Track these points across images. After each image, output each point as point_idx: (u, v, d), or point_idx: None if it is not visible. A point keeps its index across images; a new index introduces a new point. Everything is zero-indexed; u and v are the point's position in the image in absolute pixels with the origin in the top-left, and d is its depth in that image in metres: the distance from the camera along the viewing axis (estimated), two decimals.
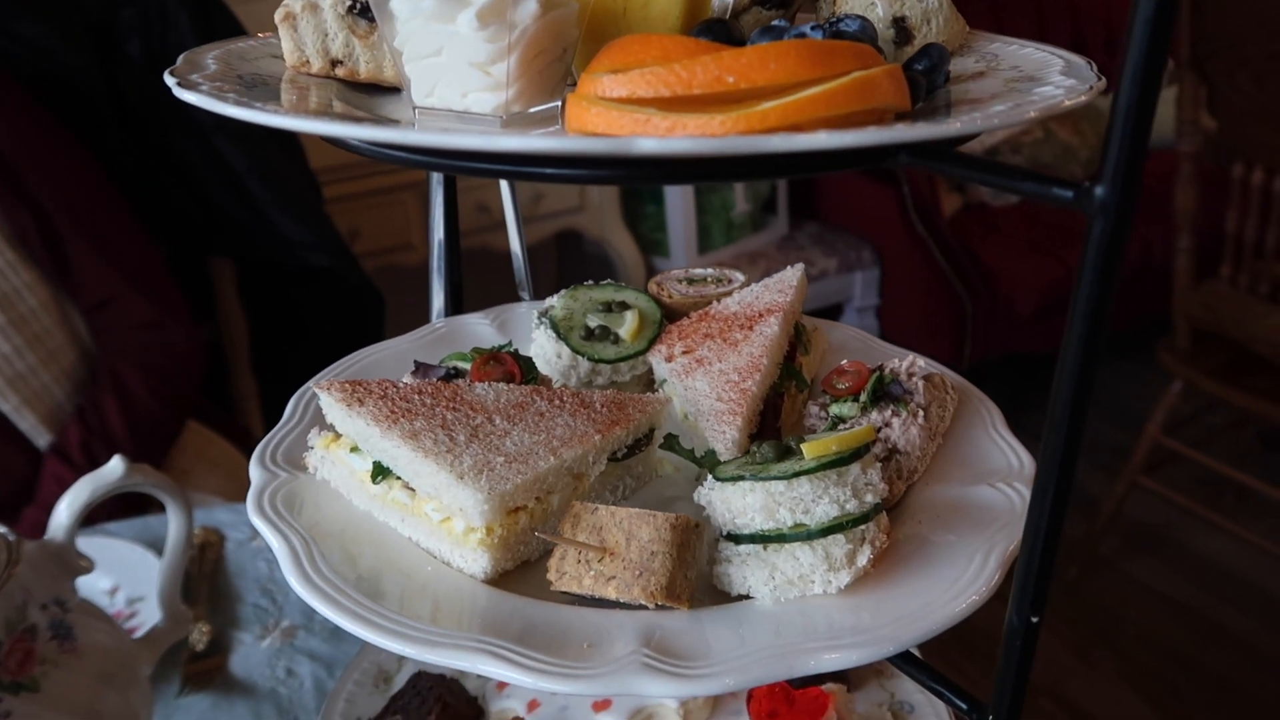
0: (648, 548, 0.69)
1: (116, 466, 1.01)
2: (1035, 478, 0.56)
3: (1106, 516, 2.89)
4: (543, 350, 0.99)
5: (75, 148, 2.00)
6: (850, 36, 0.62)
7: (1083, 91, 0.60)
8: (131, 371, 1.91)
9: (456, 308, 1.17)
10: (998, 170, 0.52)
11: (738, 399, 0.86)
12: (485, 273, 2.01)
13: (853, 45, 0.57)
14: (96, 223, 1.96)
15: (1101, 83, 0.62)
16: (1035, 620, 0.59)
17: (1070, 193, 0.48)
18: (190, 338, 2.04)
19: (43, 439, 1.85)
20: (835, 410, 0.88)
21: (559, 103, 0.64)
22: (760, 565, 0.71)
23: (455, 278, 1.17)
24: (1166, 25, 0.44)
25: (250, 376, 2.45)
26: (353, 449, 0.81)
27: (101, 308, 1.93)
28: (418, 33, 0.61)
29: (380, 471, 0.79)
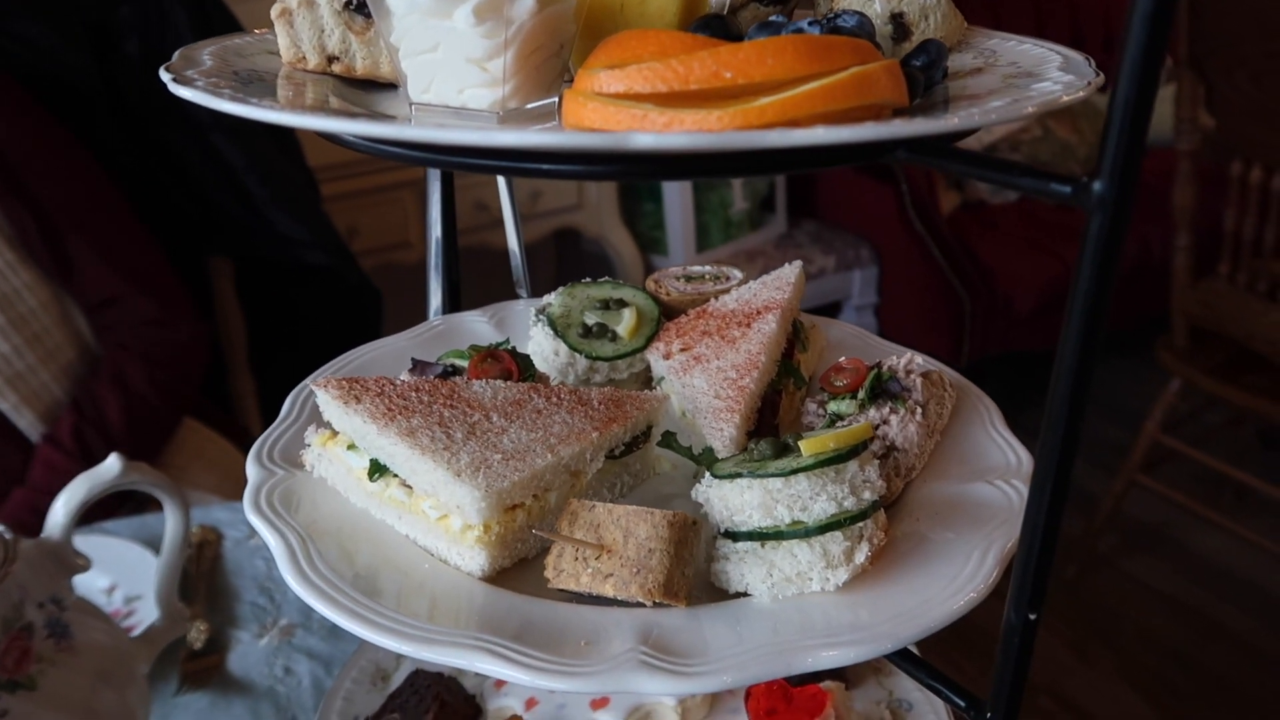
0: (645, 545, 0.69)
1: (113, 465, 1.01)
2: (1033, 475, 0.56)
3: (1105, 515, 2.89)
4: (540, 348, 0.98)
5: (75, 147, 2.00)
6: (848, 32, 0.62)
7: (1081, 87, 0.60)
8: (133, 364, 1.91)
9: (454, 305, 1.17)
10: (996, 166, 0.52)
11: (735, 396, 0.86)
12: (483, 271, 2.01)
13: (850, 41, 0.57)
14: (97, 222, 1.96)
15: (1100, 78, 0.62)
16: (1033, 617, 0.59)
17: (1068, 188, 0.48)
18: (192, 336, 2.04)
19: (38, 433, 1.85)
20: (833, 407, 0.88)
21: (556, 99, 0.64)
22: (758, 563, 0.70)
23: (453, 275, 1.17)
24: (1165, 21, 0.43)
25: (248, 374, 2.44)
26: (350, 446, 0.81)
27: (104, 306, 1.93)
28: (414, 28, 0.61)
29: (377, 469, 0.79)
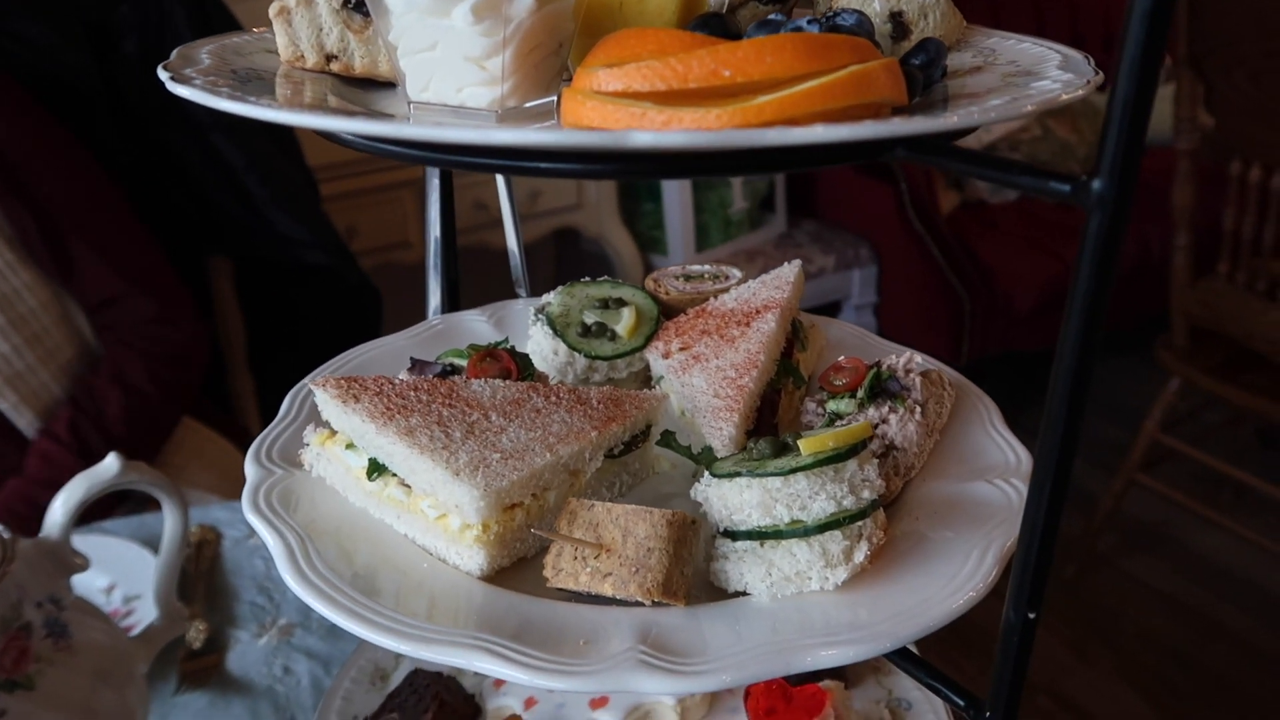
0: (644, 544, 0.69)
1: (112, 464, 1.00)
2: (1032, 474, 0.56)
3: (1104, 514, 2.89)
4: (539, 347, 0.98)
5: (75, 147, 1.99)
6: (847, 31, 0.62)
7: (1080, 86, 0.60)
8: (133, 361, 1.91)
9: (453, 305, 1.17)
10: (995, 164, 0.52)
11: (735, 395, 0.86)
12: (482, 270, 2.01)
13: (849, 39, 0.57)
14: (98, 222, 1.95)
15: (1099, 77, 0.62)
16: (1032, 616, 0.59)
17: (1067, 186, 0.48)
18: (193, 335, 2.04)
19: (37, 432, 1.85)
20: (832, 407, 0.88)
21: (555, 97, 0.64)
22: (757, 562, 0.70)
23: (452, 275, 1.17)
24: (1164, 19, 0.43)
25: (247, 374, 2.44)
26: (348, 446, 0.81)
27: (105, 306, 1.93)
28: (413, 27, 0.61)
29: (376, 468, 0.79)
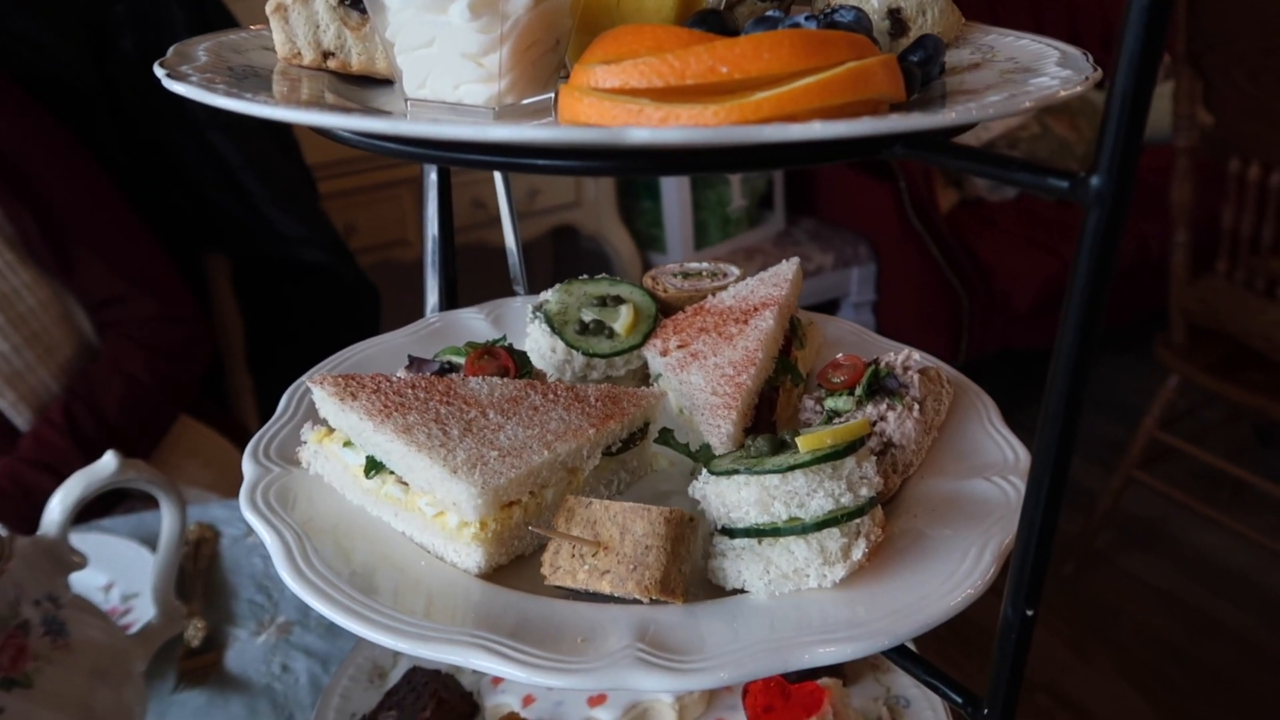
0: (642, 542, 0.69)
1: (110, 462, 1.00)
2: (1030, 471, 0.56)
3: (1103, 511, 2.90)
4: (537, 345, 0.98)
5: (75, 146, 1.99)
6: (845, 27, 0.62)
7: (1078, 82, 0.60)
8: (134, 353, 1.91)
9: (451, 303, 1.17)
10: (993, 161, 0.52)
11: (733, 393, 0.86)
12: (480, 268, 2.01)
13: (847, 35, 0.57)
14: (99, 221, 1.95)
15: (1097, 73, 0.62)
16: (1030, 613, 0.59)
17: (1066, 183, 0.48)
18: (194, 334, 2.04)
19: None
20: (830, 404, 0.88)
21: (552, 94, 0.64)
22: (755, 559, 0.70)
23: (450, 273, 1.17)
24: (1163, 15, 0.43)
25: (245, 372, 2.44)
26: (346, 444, 0.81)
27: (107, 305, 1.93)
28: (409, 24, 0.61)
29: (373, 466, 0.79)
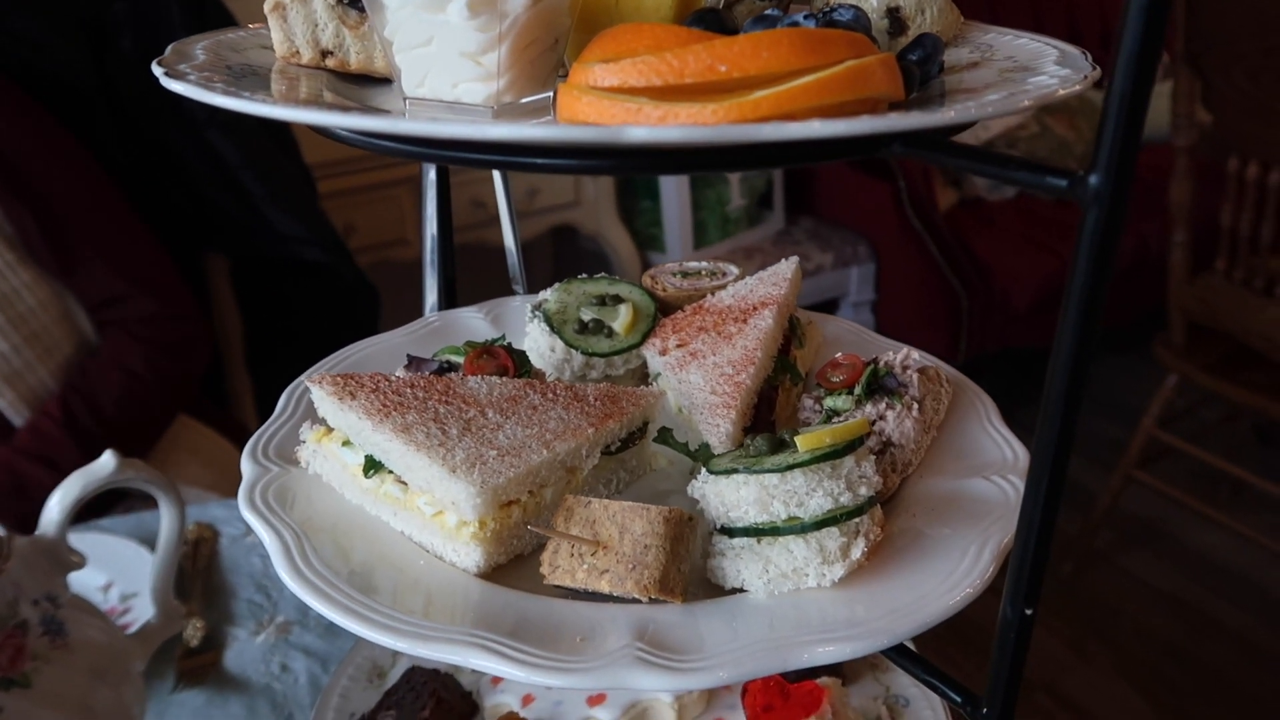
0: (641, 541, 0.69)
1: (108, 462, 1.00)
2: (1029, 470, 0.56)
3: (1102, 511, 2.90)
4: (536, 344, 0.98)
5: (75, 146, 1.99)
6: (844, 26, 0.62)
7: (1077, 81, 0.60)
8: (133, 347, 1.90)
9: (450, 302, 1.17)
10: (992, 160, 0.52)
11: (732, 392, 0.86)
12: (480, 268, 2.01)
13: (846, 34, 0.57)
14: (99, 221, 1.95)
15: (1096, 72, 0.62)
16: (1029, 612, 0.59)
17: (1064, 181, 0.48)
18: (195, 333, 2.04)
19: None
20: (830, 403, 0.88)
21: (551, 93, 0.64)
22: (754, 558, 0.70)
23: (449, 272, 1.16)
24: (1161, 13, 0.43)
25: (244, 372, 2.44)
26: (345, 443, 0.81)
27: (108, 305, 1.93)
28: (408, 22, 0.61)
29: (372, 465, 0.78)
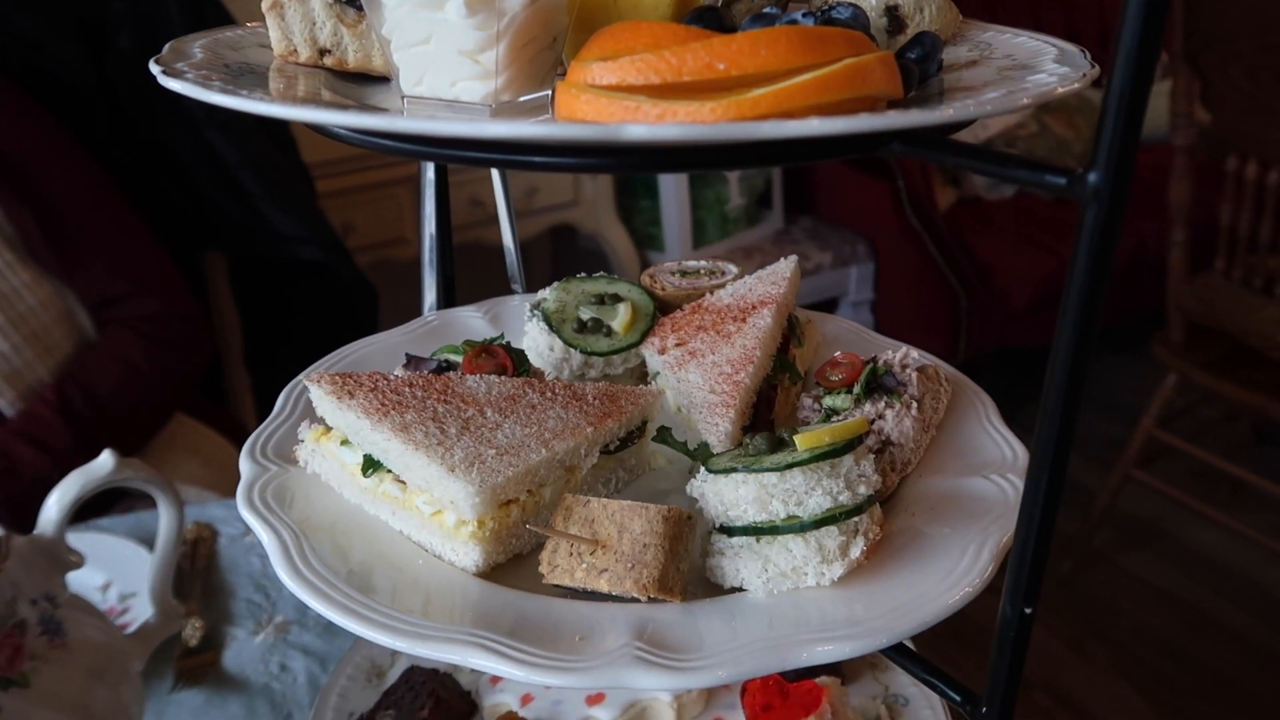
0: (640, 540, 0.69)
1: (106, 461, 1.00)
2: (1029, 469, 0.56)
3: (1100, 510, 2.90)
4: (535, 343, 0.98)
5: (74, 145, 1.98)
6: (842, 24, 0.62)
7: (1076, 79, 0.60)
8: (133, 341, 1.90)
9: (449, 301, 1.17)
10: (991, 158, 0.52)
11: (731, 391, 0.86)
12: (478, 267, 2.01)
13: (845, 32, 0.57)
14: (100, 220, 1.95)
15: (1095, 70, 0.62)
16: (1029, 611, 0.59)
17: (1063, 179, 0.48)
18: (196, 332, 2.04)
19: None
20: (829, 402, 0.88)
21: (549, 92, 0.64)
22: (753, 558, 0.70)
23: (447, 271, 1.16)
24: (1160, 11, 0.43)
25: (243, 371, 2.44)
26: (343, 442, 0.81)
27: (109, 304, 1.92)
28: (406, 20, 0.61)
29: (371, 464, 0.78)
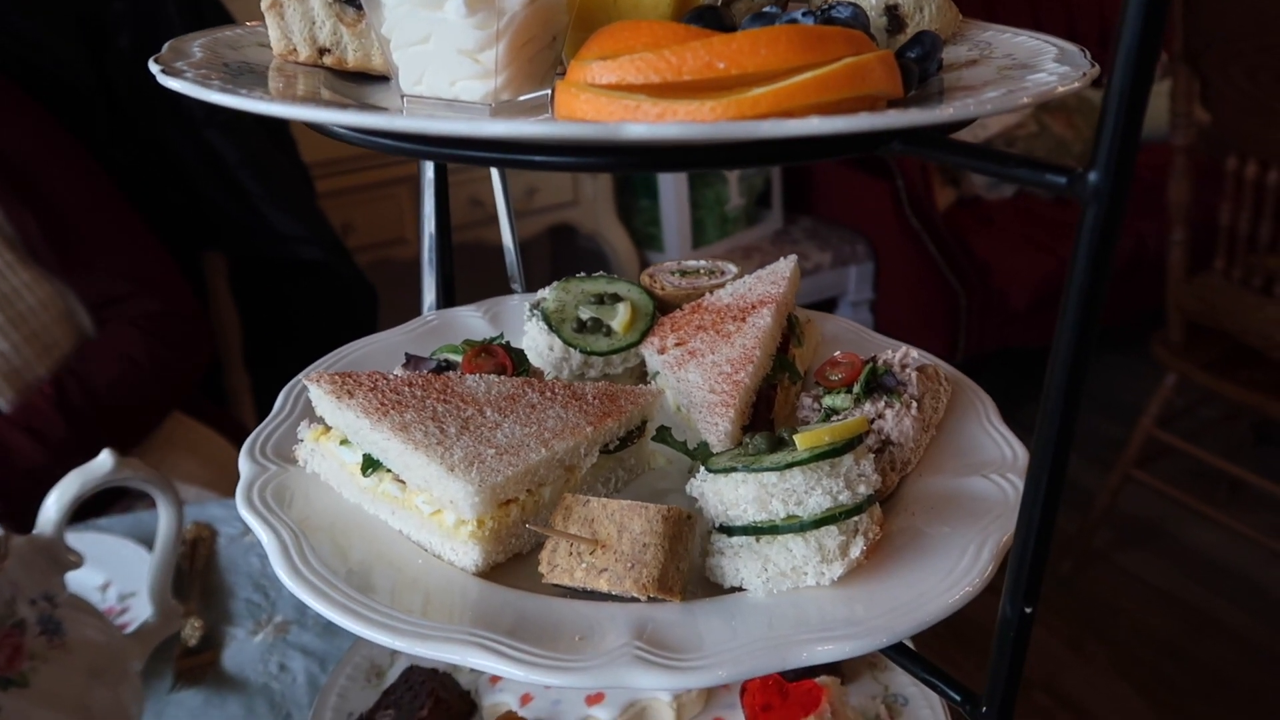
0: (640, 540, 0.69)
1: (106, 461, 1.00)
2: (1028, 468, 0.56)
3: (1100, 510, 2.90)
4: (534, 342, 0.98)
5: (75, 145, 1.98)
6: (842, 23, 0.62)
7: (1076, 79, 0.60)
8: (133, 336, 1.90)
9: (448, 301, 1.17)
10: (991, 157, 0.52)
11: (730, 391, 0.86)
12: (478, 267, 2.00)
13: (845, 31, 0.57)
14: (101, 220, 1.95)
15: (1095, 70, 0.62)
16: (1029, 611, 0.59)
17: (1063, 179, 0.48)
18: (197, 332, 2.04)
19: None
20: (828, 402, 0.88)
21: (549, 91, 0.64)
22: (753, 557, 0.70)
23: (447, 270, 1.16)
24: (1160, 11, 0.43)
25: (243, 370, 2.44)
26: (343, 442, 0.81)
27: (110, 304, 1.92)
28: (405, 19, 0.61)
29: (370, 464, 0.78)
